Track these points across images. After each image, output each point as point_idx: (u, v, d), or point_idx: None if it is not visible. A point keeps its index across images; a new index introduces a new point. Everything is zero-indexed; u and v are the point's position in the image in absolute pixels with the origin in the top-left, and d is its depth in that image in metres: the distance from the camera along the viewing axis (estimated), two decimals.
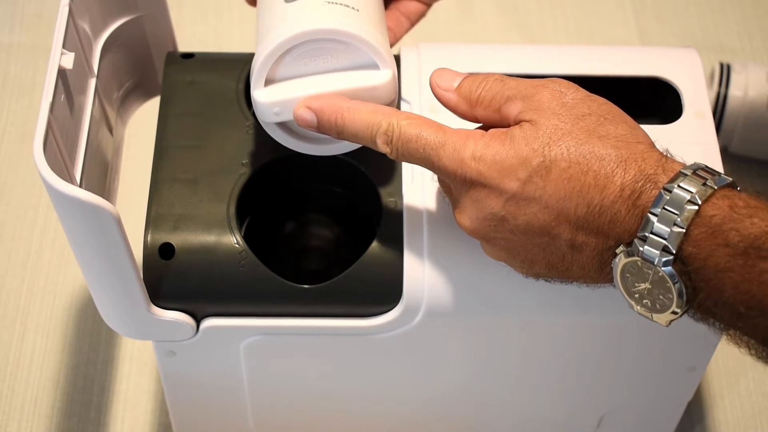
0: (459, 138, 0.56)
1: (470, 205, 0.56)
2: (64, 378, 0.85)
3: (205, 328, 0.64)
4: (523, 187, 0.54)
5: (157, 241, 0.62)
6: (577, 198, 0.54)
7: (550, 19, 1.08)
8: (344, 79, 0.59)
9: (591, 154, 0.54)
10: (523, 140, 0.55)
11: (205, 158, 0.66)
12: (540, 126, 0.55)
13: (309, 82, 0.59)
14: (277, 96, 0.59)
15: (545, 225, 0.55)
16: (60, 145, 0.59)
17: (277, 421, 0.74)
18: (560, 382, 0.71)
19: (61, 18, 0.61)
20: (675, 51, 0.71)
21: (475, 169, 0.55)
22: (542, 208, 0.54)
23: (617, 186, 0.53)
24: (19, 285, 0.90)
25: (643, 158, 0.54)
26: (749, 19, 1.09)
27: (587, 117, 0.56)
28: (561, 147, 0.54)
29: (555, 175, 0.54)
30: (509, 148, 0.55)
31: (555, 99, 0.56)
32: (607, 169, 0.54)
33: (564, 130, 0.55)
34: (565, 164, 0.54)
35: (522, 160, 0.55)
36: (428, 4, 0.72)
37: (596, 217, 0.54)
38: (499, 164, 0.55)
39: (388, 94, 0.60)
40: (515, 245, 0.57)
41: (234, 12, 1.07)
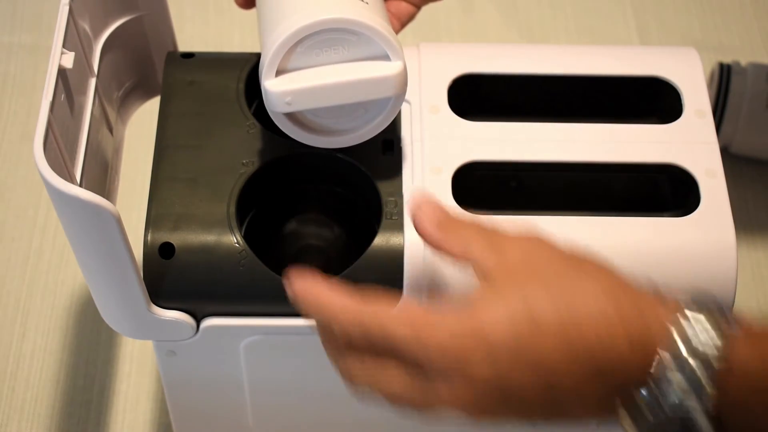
0: (430, 321, 0.50)
1: (460, 388, 0.50)
2: (64, 378, 0.85)
3: (205, 328, 0.64)
4: (515, 349, 0.49)
5: (157, 241, 0.62)
6: (583, 362, 0.49)
7: (550, 18, 1.08)
8: (355, 69, 0.59)
9: (584, 308, 0.49)
10: (501, 300, 0.50)
11: (205, 158, 0.66)
12: (516, 281, 0.50)
13: (320, 72, 0.59)
14: (289, 86, 0.59)
15: (549, 390, 0.49)
16: (60, 144, 0.59)
17: (277, 421, 0.74)
18: None
19: (61, 18, 0.61)
20: (675, 51, 0.71)
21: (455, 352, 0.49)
22: (542, 370, 0.49)
23: (623, 340, 0.48)
24: (19, 285, 0.90)
25: (634, 296, 0.50)
26: (749, 19, 1.09)
27: (565, 267, 0.51)
28: (546, 306, 0.49)
29: (550, 333, 0.49)
30: (487, 313, 0.49)
31: (528, 250, 0.52)
32: (608, 323, 0.49)
33: (543, 289, 0.50)
34: (557, 321, 0.49)
35: (507, 320, 0.49)
36: (418, 5, 0.71)
37: (609, 377, 0.49)
38: (483, 332, 0.49)
39: (398, 86, 0.60)
40: (513, 414, 0.51)
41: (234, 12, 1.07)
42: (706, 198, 0.64)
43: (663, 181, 0.70)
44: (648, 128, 0.68)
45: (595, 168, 0.67)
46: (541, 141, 0.66)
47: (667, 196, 0.70)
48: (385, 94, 0.60)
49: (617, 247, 0.62)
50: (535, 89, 0.72)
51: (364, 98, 0.60)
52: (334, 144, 0.63)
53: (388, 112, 0.62)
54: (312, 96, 0.60)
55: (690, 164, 0.66)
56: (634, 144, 0.67)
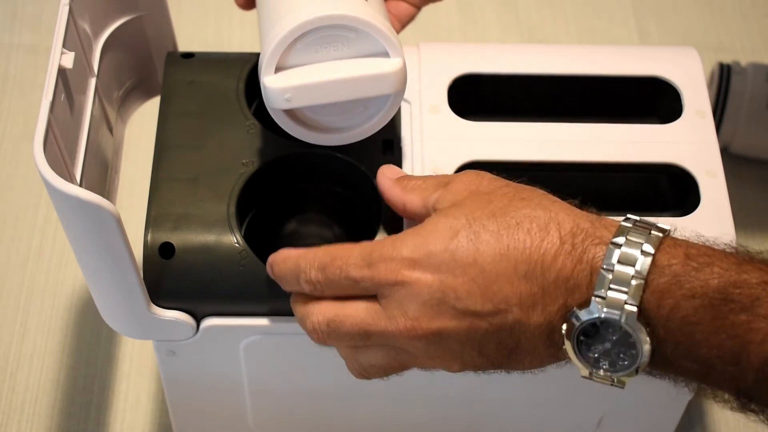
0: (378, 243, 0.54)
1: (406, 299, 0.53)
2: (64, 378, 0.85)
3: (205, 328, 0.64)
4: (453, 252, 0.52)
5: (157, 241, 0.62)
6: (512, 258, 0.51)
7: (550, 19, 1.08)
8: (354, 66, 0.59)
9: (518, 214, 0.52)
10: (443, 215, 0.54)
11: (205, 158, 0.66)
12: (459, 203, 0.54)
13: (320, 69, 0.59)
14: (288, 82, 0.59)
15: (488, 295, 0.52)
16: (60, 144, 0.59)
17: (277, 421, 0.74)
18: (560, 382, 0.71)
19: (61, 18, 0.61)
20: (675, 51, 0.71)
21: (399, 257, 0.53)
22: (479, 272, 0.52)
23: (555, 239, 0.51)
24: (19, 285, 0.90)
25: (574, 215, 0.52)
26: (749, 19, 1.09)
27: (504, 188, 0.55)
28: (484, 212, 0.53)
29: (485, 237, 0.52)
30: (432, 225, 0.54)
31: (470, 180, 0.56)
32: (539, 223, 0.52)
33: (483, 201, 0.54)
34: (493, 227, 0.52)
35: (447, 228, 0.53)
36: (418, 6, 0.71)
37: (539, 275, 0.51)
38: (426, 239, 0.53)
39: (397, 83, 0.60)
40: (460, 334, 0.53)
41: (234, 12, 1.07)
42: (706, 198, 0.64)
43: (663, 181, 0.70)
44: (648, 128, 0.68)
45: (595, 168, 0.67)
46: (541, 141, 0.66)
47: (667, 196, 0.70)
48: (385, 92, 0.60)
49: None
50: (535, 89, 0.72)
51: (363, 95, 0.60)
52: (333, 141, 0.63)
53: (388, 110, 0.62)
54: (311, 92, 0.59)
55: (690, 164, 0.66)
56: (634, 144, 0.67)
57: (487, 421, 0.74)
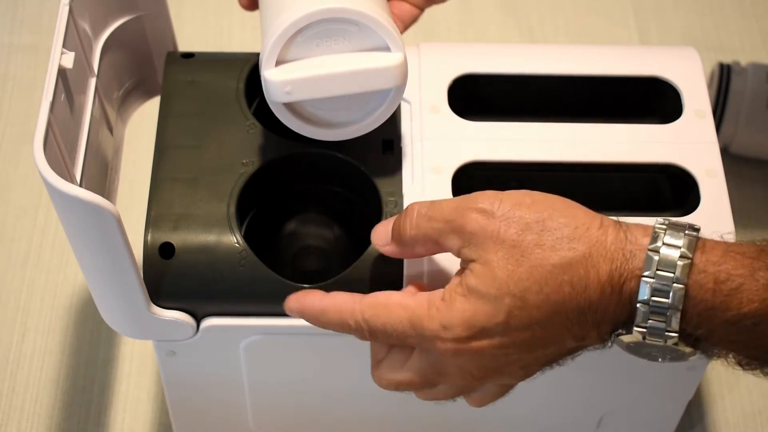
0: (423, 313, 0.55)
1: (471, 362, 0.56)
2: (64, 378, 0.85)
3: (205, 328, 0.64)
4: (508, 325, 0.54)
5: (157, 241, 0.62)
6: (565, 307, 0.53)
7: (550, 19, 1.08)
8: (355, 60, 0.59)
9: (555, 269, 0.53)
10: (483, 287, 0.54)
11: (205, 158, 0.66)
12: (490, 263, 0.54)
13: (320, 63, 0.59)
14: (289, 75, 0.59)
15: (546, 340, 0.55)
16: (60, 144, 0.59)
17: (277, 421, 0.74)
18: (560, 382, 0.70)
19: (61, 18, 0.61)
20: (675, 51, 0.71)
21: (453, 337, 0.55)
22: (536, 332, 0.54)
23: (596, 286, 0.53)
24: (19, 285, 0.90)
25: (604, 246, 0.53)
26: (749, 19, 1.09)
27: (527, 230, 0.54)
28: (523, 276, 0.53)
29: (533, 301, 0.53)
30: (474, 300, 0.54)
31: (486, 223, 0.54)
32: (579, 274, 0.53)
33: (516, 257, 0.54)
34: (536, 288, 0.53)
35: (493, 305, 0.54)
36: (421, 8, 0.71)
37: (589, 317, 0.54)
38: (472, 320, 0.54)
39: (398, 77, 0.60)
40: (522, 364, 0.57)
41: (234, 12, 1.07)
42: (706, 198, 0.64)
43: (663, 181, 0.70)
44: (648, 128, 0.68)
45: (595, 168, 0.67)
46: (541, 141, 0.66)
47: (667, 196, 0.70)
48: (385, 86, 0.60)
49: None
50: (535, 89, 0.72)
51: (364, 89, 0.60)
52: (333, 136, 0.63)
53: (388, 105, 0.62)
54: (312, 86, 0.59)
55: (690, 164, 0.66)
56: (634, 144, 0.67)
57: (487, 420, 0.74)
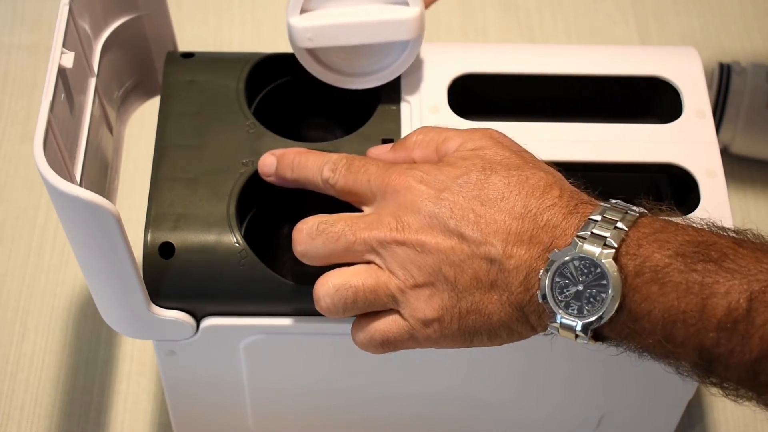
0: (404, 166, 0.60)
1: (402, 205, 0.58)
2: (64, 378, 0.85)
3: (205, 328, 0.64)
4: (461, 185, 0.57)
5: (157, 241, 0.62)
6: (516, 198, 0.56)
7: (550, 19, 1.08)
8: (375, 11, 0.64)
9: (529, 172, 0.57)
10: (461, 160, 0.59)
11: (205, 158, 0.66)
12: (478, 151, 0.59)
13: (342, 12, 0.64)
14: (311, 22, 0.64)
15: (477, 227, 0.56)
16: (60, 144, 0.59)
17: (277, 421, 0.74)
18: (560, 382, 0.71)
19: (61, 17, 0.61)
20: (675, 51, 0.72)
21: (412, 174, 0.58)
22: (479, 204, 0.56)
23: (555, 195, 0.56)
24: (19, 285, 0.90)
25: (576, 188, 0.58)
26: (749, 19, 1.09)
27: (522, 153, 0.60)
28: (500, 163, 0.58)
29: (494, 179, 0.57)
30: (446, 163, 0.59)
31: (489, 137, 0.60)
32: (545, 183, 0.57)
33: (501, 155, 0.59)
34: (504, 173, 0.57)
35: (460, 170, 0.58)
36: None
37: (532, 218, 0.55)
38: (436, 173, 0.58)
39: (414, 30, 0.64)
40: (441, 252, 0.56)
41: (234, 12, 1.07)
42: (706, 198, 0.64)
43: (663, 181, 0.70)
44: (648, 128, 0.68)
45: (595, 167, 0.67)
46: (541, 141, 0.66)
47: (667, 196, 0.70)
48: (402, 37, 0.64)
49: None
50: (534, 89, 0.72)
51: (382, 39, 0.65)
52: (352, 84, 0.67)
53: (406, 57, 0.66)
54: (332, 33, 0.64)
55: (690, 164, 0.66)
56: (634, 144, 0.67)
57: (487, 421, 0.74)
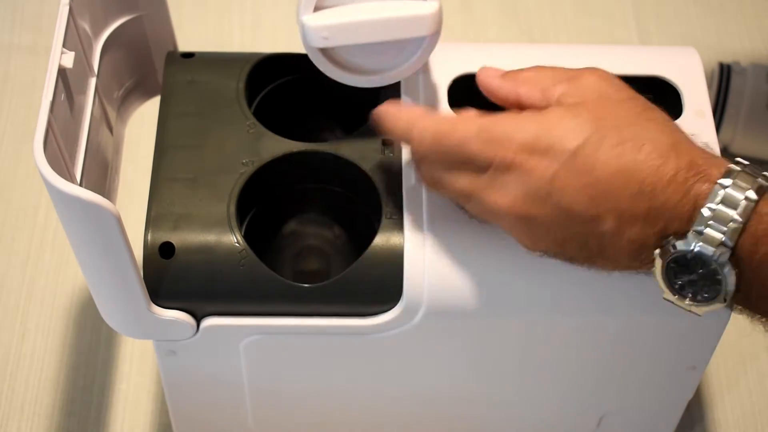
0: (497, 118, 0.56)
1: (513, 182, 0.55)
2: (64, 378, 0.85)
3: (205, 328, 0.64)
4: (575, 153, 0.53)
5: (157, 241, 0.62)
6: (629, 176, 0.52)
7: (550, 19, 1.08)
8: (392, 7, 0.61)
9: (643, 133, 0.53)
10: (571, 113, 0.55)
11: (205, 158, 0.66)
12: (586, 104, 0.55)
13: (357, 9, 0.61)
14: (326, 20, 0.61)
15: (592, 203, 0.53)
16: (60, 144, 0.59)
17: (277, 421, 0.74)
18: (560, 382, 0.71)
19: (61, 18, 0.61)
20: (675, 51, 0.71)
21: (520, 140, 0.54)
22: (594, 182, 0.53)
23: (671, 169, 0.52)
24: (19, 285, 0.90)
25: (691, 147, 0.54)
26: (749, 19, 1.09)
27: (633, 100, 0.56)
28: (611, 122, 0.54)
29: (607, 148, 0.53)
30: (558, 118, 0.55)
31: (600, 81, 0.57)
32: (661, 151, 0.53)
33: (611, 109, 0.55)
34: (616, 139, 0.53)
35: (573, 127, 0.54)
36: None
37: (647, 199, 0.52)
38: (549, 131, 0.54)
39: (433, 25, 0.61)
40: (551, 227, 0.55)
41: (234, 12, 1.07)
42: None
43: None
44: None
45: None
46: None
47: None
48: (421, 33, 0.61)
49: None
50: None
51: (399, 36, 0.62)
52: (368, 83, 0.65)
53: (423, 52, 0.63)
54: (348, 32, 0.61)
55: None
56: None
57: (486, 420, 0.74)
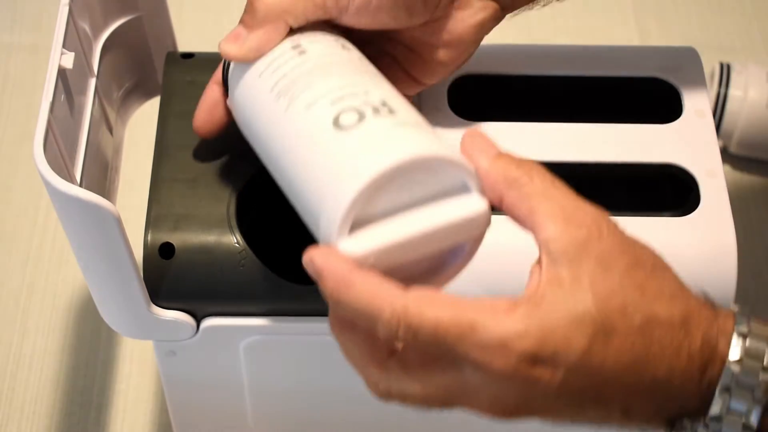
0: (488, 315, 0.46)
1: (512, 391, 0.47)
2: (64, 378, 0.85)
3: (205, 328, 0.64)
4: (582, 357, 0.46)
5: (157, 241, 0.62)
6: (641, 370, 0.47)
7: (550, 18, 1.08)
8: (437, 212, 0.50)
9: (652, 317, 0.47)
10: (571, 297, 0.46)
11: (205, 158, 0.66)
12: (582, 279, 0.47)
13: (401, 222, 0.49)
14: (370, 245, 0.48)
15: (600, 399, 0.47)
16: (60, 144, 0.59)
17: (276, 421, 0.74)
18: None
19: (61, 18, 0.61)
20: (675, 51, 0.71)
21: (521, 350, 0.45)
22: (602, 382, 0.47)
23: (685, 357, 0.47)
24: (19, 285, 0.90)
25: (700, 316, 0.48)
26: (749, 19, 1.09)
27: (636, 267, 0.48)
28: (616, 302, 0.46)
29: (616, 343, 0.46)
30: (558, 313, 0.46)
31: (593, 240, 0.48)
32: (673, 339, 0.47)
33: (614, 287, 0.47)
34: (625, 328, 0.46)
35: (578, 323, 0.46)
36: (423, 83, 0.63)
37: (661, 392, 0.47)
38: (553, 333, 0.46)
39: (484, 224, 0.50)
40: (549, 417, 0.49)
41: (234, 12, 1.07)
42: (706, 198, 0.64)
43: (663, 181, 0.70)
44: (648, 128, 0.68)
45: (595, 168, 0.67)
46: (541, 141, 0.66)
47: (667, 196, 0.70)
48: (476, 233, 0.51)
49: None
50: (534, 89, 0.72)
51: (452, 242, 0.51)
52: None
53: (473, 245, 0.52)
54: (397, 251, 0.49)
55: (690, 164, 0.66)
56: (634, 144, 0.67)
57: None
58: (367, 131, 0.50)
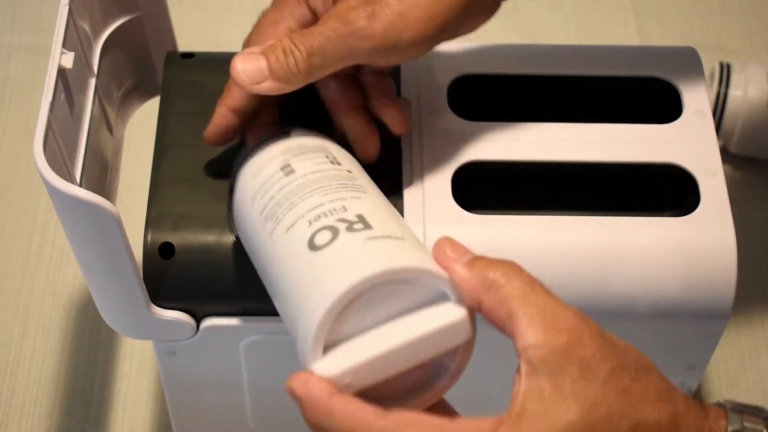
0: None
1: None
2: (64, 378, 0.85)
3: (205, 328, 0.64)
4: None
5: (157, 241, 0.62)
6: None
7: (550, 18, 1.08)
8: (415, 323, 0.49)
9: (640, 423, 0.46)
10: (553, 413, 0.45)
11: (205, 158, 0.66)
12: (564, 389, 0.46)
13: (376, 337, 0.48)
14: (345, 365, 0.48)
15: None
16: (60, 144, 0.59)
17: (277, 421, 0.74)
18: None
19: (61, 18, 0.61)
20: (675, 51, 0.72)
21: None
22: None
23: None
24: (19, 285, 0.90)
25: (690, 417, 0.47)
26: (749, 19, 1.09)
27: (620, 371, 0.47)
28: (601, 418, 0.45)
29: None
30: (536, 427, 0.45)
31: (574, 347, 0.46)
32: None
33: (597, 396, 0.46)
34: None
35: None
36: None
37: None
38: None
39: (465, 332, 0.49)
40: None
41: (234, 12, 1.07)
42: (706, 198, 0.64)
43: (663, 181, 0.70)
44: (648, 128, 0.68)
45: (595, 168, 0.67)
46: (540, 141, 0.66)
47: (667, 196, 0.70)
48: (458, 342, 0.50)
49: (617, 247, 0.62)
50: (535, 89, 0.72)
51: (434, 353, 0.49)
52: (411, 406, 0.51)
53: (463, 353, 0.51)
54: (375, 367, 0.48)
55: (690, 164, 0.66)
56: (634, 144, 0.67)
57: None
58: (337, 249, 0.50)
